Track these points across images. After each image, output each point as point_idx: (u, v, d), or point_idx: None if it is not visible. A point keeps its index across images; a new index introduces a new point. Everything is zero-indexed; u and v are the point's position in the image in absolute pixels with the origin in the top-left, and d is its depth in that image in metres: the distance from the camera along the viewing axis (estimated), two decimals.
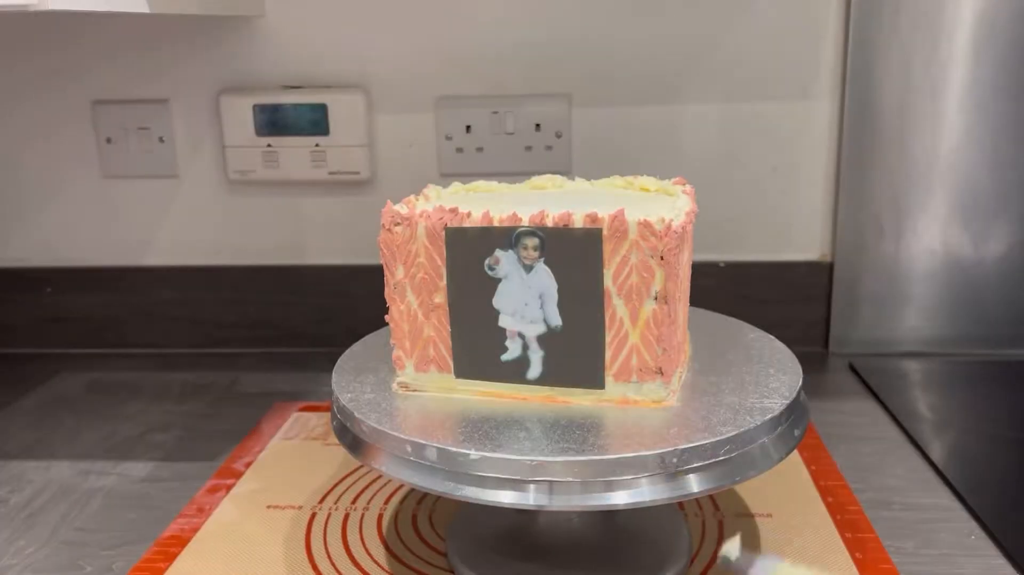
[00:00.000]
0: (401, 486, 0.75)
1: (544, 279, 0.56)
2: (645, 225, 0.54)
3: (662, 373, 0.57)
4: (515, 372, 0.59)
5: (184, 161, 1.06)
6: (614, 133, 1.01)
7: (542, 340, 0.58)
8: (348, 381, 0.63)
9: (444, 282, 0.58)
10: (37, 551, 0.69)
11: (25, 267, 1.11)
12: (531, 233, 0.56)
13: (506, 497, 0.51)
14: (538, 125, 1.01)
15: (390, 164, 1.04)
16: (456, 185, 0.68)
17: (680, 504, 0.71)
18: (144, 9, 0.72)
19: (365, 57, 1.02)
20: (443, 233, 0.57)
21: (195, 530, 0.70)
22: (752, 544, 0.65)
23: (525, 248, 0.56)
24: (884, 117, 0.97)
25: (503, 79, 1.01)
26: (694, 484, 0.52)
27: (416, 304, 0.59)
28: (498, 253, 0.56)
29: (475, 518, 0.68)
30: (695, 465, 0.52)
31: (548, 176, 0.69)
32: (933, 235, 1.00)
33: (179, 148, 1.06)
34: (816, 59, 0.98)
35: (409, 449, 0.54)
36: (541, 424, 0.55)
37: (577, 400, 0.58)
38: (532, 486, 0.51)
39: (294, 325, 1.09)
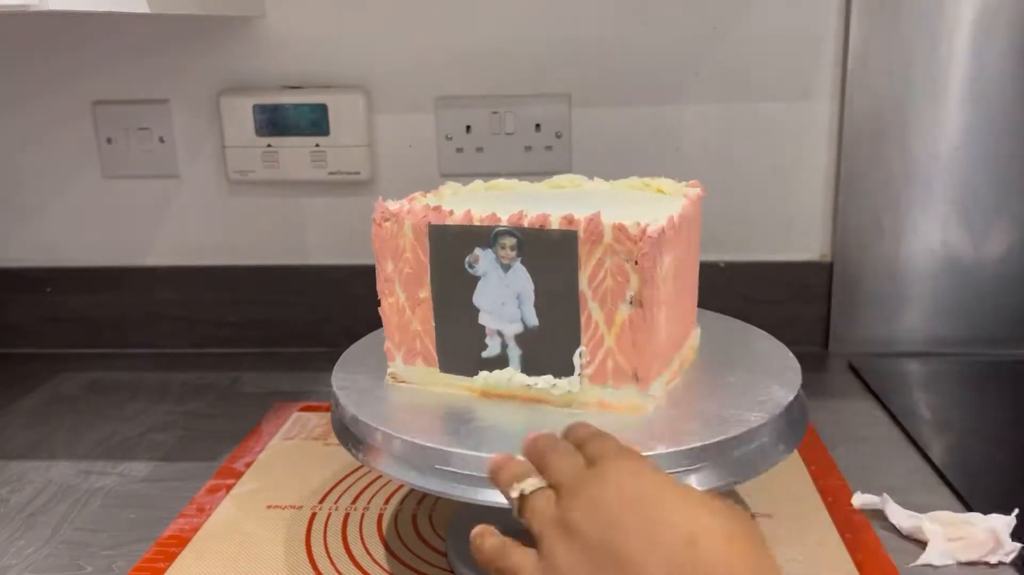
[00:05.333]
0: (401, 486, 0.75)
1: (521, 279, 0.57)
2: (620, 229, 0.53)
3: (638, 379, 0.56)
4: (494, 369, 0.60)
5: (184, 161, 1.06)
6: (614, 133, 1.01)
7: (520, 339, 0.58)
8: (349, 381, 0.63)
9: (428, 278, 0.60)
10: (37, 551, 0.69)
11: (25, 267, 1.11)
12: (508, 233, 0.56)
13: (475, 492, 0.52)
14: (538, 125, 1.01)
15: (390, 164, 1.04)
16: (478, 183, 0.70)
17: None
18: (144, 9, 0.72)
19: (365, 57, 1.02)
20: (427, 230, 0.58)
21: (195, 530, 0.70)
22: None
23: (503, 247, 0.56)
24: (884, 117, 0.97)
25: (503, 79, 1.01)
26: (693, 485, 0.52)
27: (404, 298, 0.61)
28: (477, 251, 0.57)
29: (475, 518, 0.68)
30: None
31: (568, 176, 0.70)
32: (933, 235, 0.99)
33: (179, 148, 1.06)
34: (816, 59, 0.98)
35: (409, 450, 0.54)
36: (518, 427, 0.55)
37: (554, 402, 0.58)
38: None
39: (294, 325, 1.09)
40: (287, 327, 1.09)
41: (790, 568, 0.63)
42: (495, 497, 0.51)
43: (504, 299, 0.58)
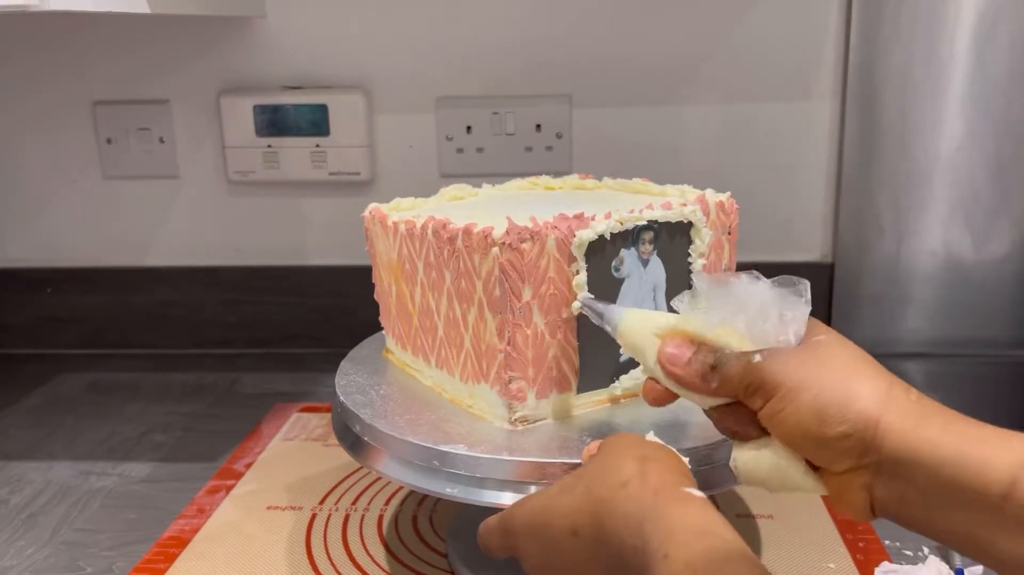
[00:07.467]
0: (401, 487, 0.75)
1: (657, 271, 0.57)
2: (720, 206, 0.59)
3: None
4: (630, 370, 0.58)
5: (184, 161, 1.06)
6: (614, 133, 1.01)
7: None
8: (351, 382, 0.63)
9: (571, 294, 0.55)
10: (37, 552, 0.69)
11: (25, 267, 1.11)
12: (647, 227, 0.56)
13: (506, 498, 0.51)
14: (539, 126, 1.01)
15: (390, 165, 1.04)
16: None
17: None
18: (144, 9, 0.72)
19: (365, 57, 1.01)
20: (573, 241, 0.54)
21: (195, 531, 0.70)
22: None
23: (643, 243, 0.56)
24: (885, 117, 0.97)
25: (503, 79, 1.01)
26: (694, 488, 0.51)
27: (543, 325, 0.55)
28: (623, 253, 0.56)
29: (475, 519, 0.68)
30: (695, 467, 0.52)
31: (457, 186, 0.70)
32: (934, 235, 0.99)
33: (179, 148, 1.06)
34: (817, 59, 0.98)
35: (409, 451, 0.54)
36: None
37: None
38: (532, 487, 0.51)
39: (294, 325, 1.09)
40: (287, 327, 1.09)
41: (791, 568, 0.63)
42: (494, 498, 0.52)
43: (643, 295, 0.57)
